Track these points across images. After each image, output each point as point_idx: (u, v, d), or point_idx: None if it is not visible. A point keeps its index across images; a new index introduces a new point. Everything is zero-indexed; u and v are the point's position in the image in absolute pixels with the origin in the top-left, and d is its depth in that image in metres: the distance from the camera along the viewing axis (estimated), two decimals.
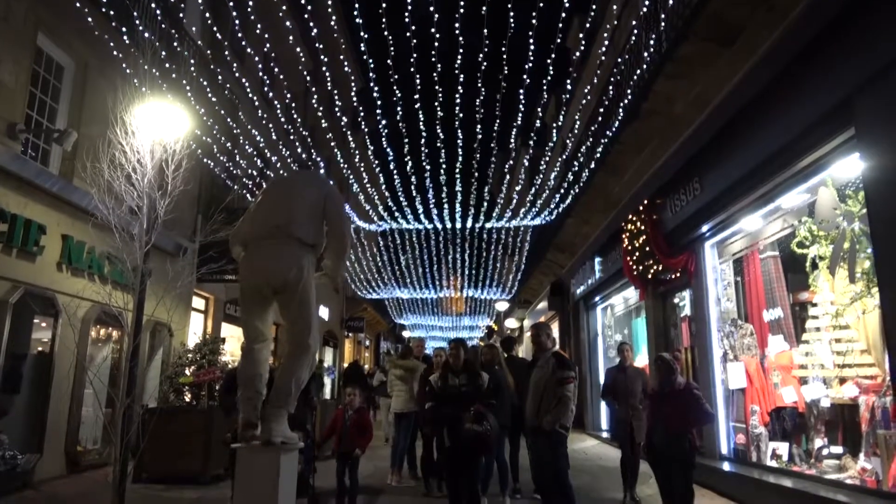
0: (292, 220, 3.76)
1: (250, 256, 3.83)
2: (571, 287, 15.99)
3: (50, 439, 8.11)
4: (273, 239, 3.74)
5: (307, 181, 4.15)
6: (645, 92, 8.06)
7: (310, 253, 3.78)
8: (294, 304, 3.68)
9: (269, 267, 3.69)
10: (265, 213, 3.91)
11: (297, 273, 3.65)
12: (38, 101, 8.36)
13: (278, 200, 3.95)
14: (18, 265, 7.54)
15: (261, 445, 3.37)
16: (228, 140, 10.75)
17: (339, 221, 3.91)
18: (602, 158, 10.22)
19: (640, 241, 9.90)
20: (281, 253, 3.70)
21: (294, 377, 3.63)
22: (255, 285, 3.74)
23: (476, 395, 5.59)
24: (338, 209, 3.94)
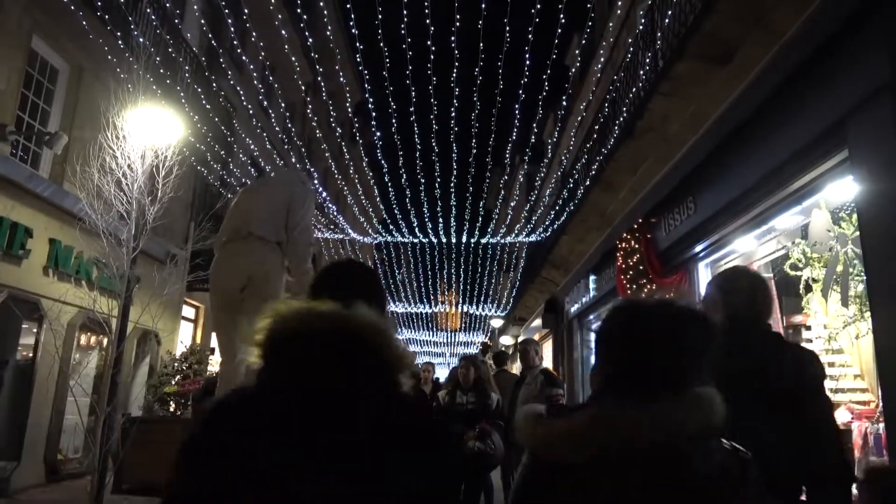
0: (253, 219, 3.69)
1: (216, 261, 3.80)
2: (566, 305, 15.90)
3: (29, 447, 7.97)
4: (236, 241, 3.69)
5: (276, 181, 4.14)
6: (640, 110, 8.02)
7: (275, 251, 3.68)
8: (256, 299, 3.56)
9: (232, 266, 3.63)
10: (229, 220, 3.88)
11: (259, 268, 3.57)
12: (31, 104, 8.31)
13: (243, 203, 3.90)
14: (2, 268, 7.44)
15: None
16: (223, 149, 10.71)
17: (295, 225, 3.73)
18: (597, 176, 10.17)
19: (634, 259, 9.83)
20: (243, 251, 3.63)
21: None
22: (221, 287, 3.68)
23: (483, 414, 5.48)
24: (297, 213, 3.76)
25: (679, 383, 1.23)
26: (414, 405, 1.35)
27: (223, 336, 3.70)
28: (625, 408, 1.19)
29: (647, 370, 1.26)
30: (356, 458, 1.11)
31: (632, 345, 1.31)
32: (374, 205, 15.25)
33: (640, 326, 1.33)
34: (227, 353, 3.69)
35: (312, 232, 3.98)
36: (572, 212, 12.08)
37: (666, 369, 1.25)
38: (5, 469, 7.53)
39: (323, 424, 1.14)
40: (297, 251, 3.69)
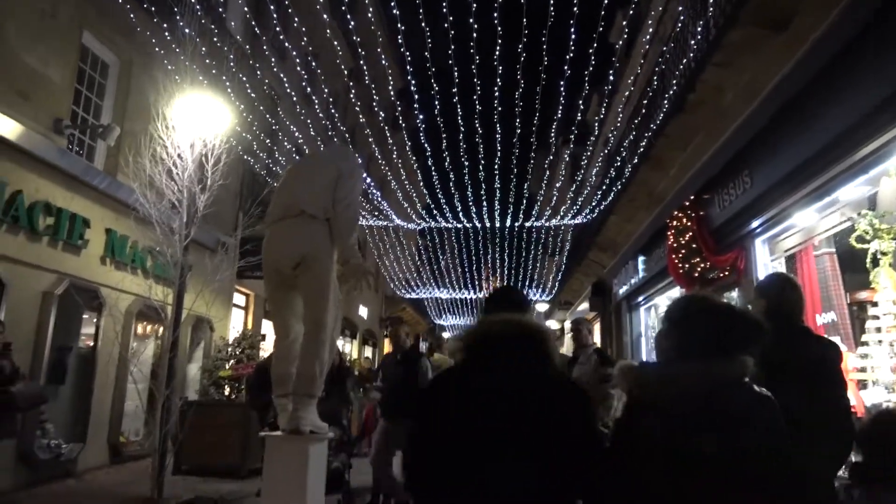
0: (302, 196, 3.67)
1: (268, 239, 3.79)
2: (613, 287, 15.62)
3: (93, 429, 8.26)
4: (286, 218, 3.68)
5: (324, 157, 4.09)
6: (692, 82, 7.74)
7: (326, 227, 3.65)
8: (311, 278, 3.57)
9: (285, 244, 3.62)
10: (280, 195, 3.87)
11: (312, 245, 3.55)
12: (84, 98, 8.54)
13: (292, 180, 3.89)
14: (64, 258, 7.70)
15: (288, 434, 3.28)
16: (268, 137, 10.82)
17: (340, 199, 3.67)
18: (646, 153, 9.90)
19: (686, 238, 9.54)
20: (294, 229, 3.62)
21: (316, 359, 3.51)
22: (273, 265, 3.67)
23: None
24: (344, 189, 3.71)
25: (721, 350, 1.81)
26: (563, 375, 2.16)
27: (277, 313, 3.72)
28: (689, 364, 1.81)
29: (700, 340, 1.85)
30: (541, 409, 1.81)
31: (691, 323, 1.91)
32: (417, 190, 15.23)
33: (695, 311, 1.94)
34: (282, 330, 3.71)
35: (358, 208, 3.92)
36: (620, 191, 11.82)
37: (710, 341, 1.83)
38: (72, 451, 7.83)
39: (519, 388, 1.84)
40: (340, 226, 3.64)
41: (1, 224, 6.68)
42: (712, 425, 1.68)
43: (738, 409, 1.73)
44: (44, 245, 7.35)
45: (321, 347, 3.51)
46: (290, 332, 3.69)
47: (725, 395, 1.74)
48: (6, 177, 6.71)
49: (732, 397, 1.75)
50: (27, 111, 7.03)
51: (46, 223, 7.33)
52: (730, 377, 1.79)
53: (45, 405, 7.24)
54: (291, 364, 3.62)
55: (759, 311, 2.88)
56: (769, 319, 2.62)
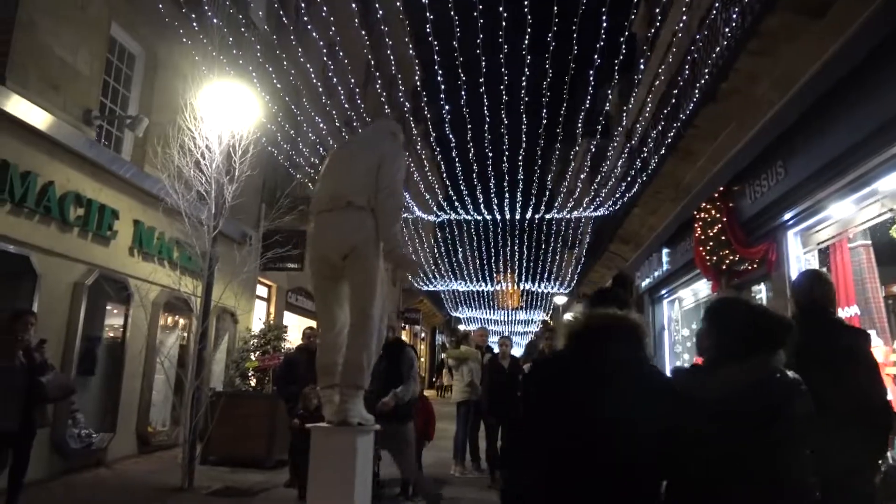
0: (347, 186, 3.61)
1: (314, 230, 3.74)
2: (636, 280, 15.48)
3: (122, 419, 8.33)
4: (333, 209, 3.62)
5: (366, 142, 3.95)
6: (724, 71, 7.60)
7: (372, 216, 3.58)
8: (359, 269, 3.52)
9: (334, 235, 3.56)
10: (324, 184, 3.81)
11: (360, 236, 3.49)
12: (112, 90, 8.56)
13: (335, 168, 3.81)
14: (93, 249, 7.74)
15: (336, 426, 3.25)
16: (292, 128, 10.80)
17: (382, 188, 3.59)
18: (673, 144, 9.75)
19: (714, 230, 9.41)
20: (342, 220, 3.56)
21: (364, 350, 3.47)
22: (322, 256, 3.61)
23: None
24: (385, 174, 3.63)
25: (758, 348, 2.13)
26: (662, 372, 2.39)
27: (324, 305, 3.67)
28: (733, 365, 2.11)
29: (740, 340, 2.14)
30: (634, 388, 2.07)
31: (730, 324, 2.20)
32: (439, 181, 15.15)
33: (734, 313, 2.24)
34: (328, 321, 3.67)
35: (402, 195, 3.85)
36: (645, 183, 11.68)
37: (749, 340, 2.13)
38: (103, 440, 7.90)
39: (620, 370, 2.11)
40: (383, 216, 3.57)
41: (33, 215, 6.71)
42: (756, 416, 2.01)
43: (778, 399, 2.04)
44: (74, 236, 7.39)
45: (369, 338, 3.47)
46: (337, 323, 3.65)
47: (766, 388, 2.06)
48: (38, 168, 6.73)
49: (773, 389, 2.06)
50: (58, 102, 7.05)
51: (77, 214, 7.37)
52: (769, 371, 2.10)
53: (76, 395, 7.31)
54: (337, 355, 3.58)
55: (792, 307, 3.19)
56: (802, 314, 3.29)
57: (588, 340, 2.20)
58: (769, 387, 2.06)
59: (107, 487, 7.02)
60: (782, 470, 1.97)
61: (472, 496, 7.01)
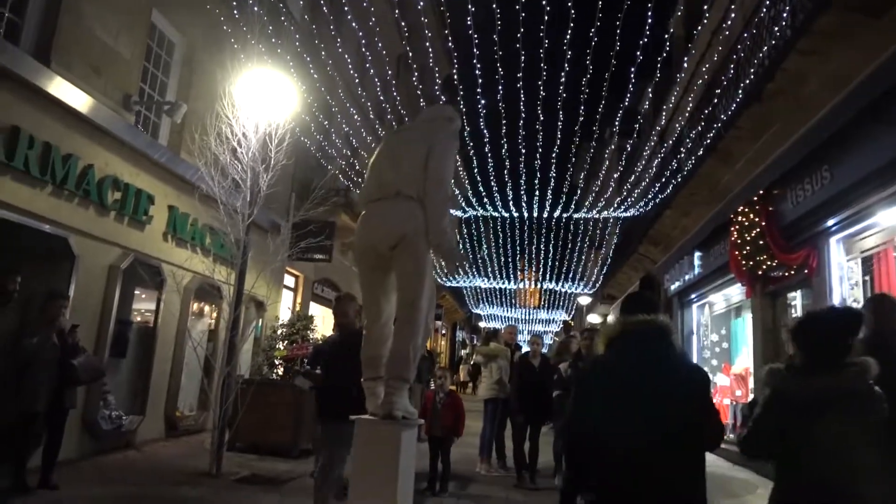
0: (397, 176, 3.51)
1: (363, 219, 3.65)
2: (665, 283, 15.27)
3: (152, 403, 8.40)
4: (382, 199, 3.54)
5: (418, 129, 3.81)
6: (771, 71, 7.40)
7: (422, 207, 3.47)
8: (407, 259, 3.43)
9: (383, 225, 3.47)
10: (374, 173, 3.70)
11: (410, 227, 3.39)
12: (150, 76, 8.61)
13: (386, 157, 3.69)
14: (129, 233, 7.79)
15: (380, 419, 3.19)
16: (326, 119, 10.78)
17: (429, 176, 3.45)
18: (712, 145, 9.55)
19: (752, 234, 9.22)
20: (392, 210, 3.48)
21: (411, 342, 3.39)
22: (370, 247, 3.53)
23: None
24: (436, 163, 3.49)
25: (840, 352, 2.62)
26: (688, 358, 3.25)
27: (370, 296, 3.60)
28: (824, 375, 2.56)
29: (829, 352, 2.62)
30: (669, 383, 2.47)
31: (822, 338, 2.67)
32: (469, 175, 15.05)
33: (825, 327, 2.71)
34: (374, 313, 3.60)
35: (450, 186, 3.73)
36: (679, 185, 11.47)
37: (838, 351, 2.62)
38: (132, 422, 7.97)
39: (659, 372, 2.49)
40: (430, 207, 3.45)
41: (73, 197, 6.77)
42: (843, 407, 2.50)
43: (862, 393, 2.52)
44: (111, 219, 7.44)
45: (416, 331, 3.39)
46: (382, 315, 3.59)
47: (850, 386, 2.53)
48: (79, 151, 6.78)
49: (856, 385, 2.53)
50: (99, 86, 7.10)
51: (114, 198, 7.42)
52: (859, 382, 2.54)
53: (107, 377, 7.39)
54: (382, 347, 3.52)
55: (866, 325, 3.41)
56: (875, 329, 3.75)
57: (625, 344, 2.59)
58: (857, 396, 2.52)
59: (137, 469, 7.08)
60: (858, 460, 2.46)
61: (499, 495, 6.94)
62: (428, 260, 3.48)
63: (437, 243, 3.42)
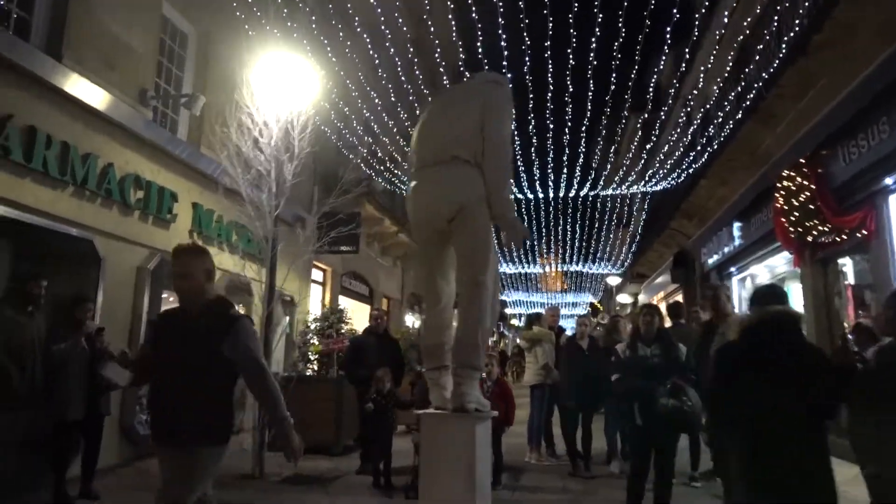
0: (451, 138, 3.16)
1: (416, 190, 3.29)
2: (701, 257, 14.78)
3: None
4: (437, 164, 3.18)
5: (469, 89, 3.45)
6: (819, 22, 6.92)
7: (481, 174, 3.12)
8: (467, 233, 3.08)
9: (438, 194, 3.13)
10: (423, 137, 3.34)
11: (469, 195, 3.05)
12: (165, 70, 8.35)
13: (436, 119, 3.34)
14: (154, 232, 7.57)
15: (451, 413, 2.87)
16: (346, 105, 10.46)
17: (489, 137, 3.11)
18: (752, 107, 9.06)
19: (800, 198, 8.74)
20: (448, 177, 3.12)
21: (479, 326, 3.04)
22: (425, 219, 3.19)
23: (671, 368, 4.88)
24: (495, 123, 3.15)
25: None
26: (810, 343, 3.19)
27: (428, 275, 3.25)
28: None
29: None
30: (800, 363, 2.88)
31: None
32: None
33: None
34: (433, 296, 3.25)
35: (510, 151, 3.37)
36: (714, 152, 10.98)
37: None
38: None
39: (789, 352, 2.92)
40: (492, 173, 3.10)
41: (95, 198, 6.54)
42: None
43: None
44: (135, 219, 7.22)
45: (483, 312, 3.04)
46: (442, 298, 3.24)
47: None
48: (98, 149, 6.54)
49: None
50: (114, 81, 6.84)
51: (137, 197, 7.19)
52: None
53: None
54: (443, 335, 3.18)
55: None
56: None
57: (763, 331, 2.97)
58: None
59: None
60: None
61: (555, 484, 6.62)
62: (491, 232, 3.14)
63: (500, 213, 3.06)
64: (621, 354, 5.26)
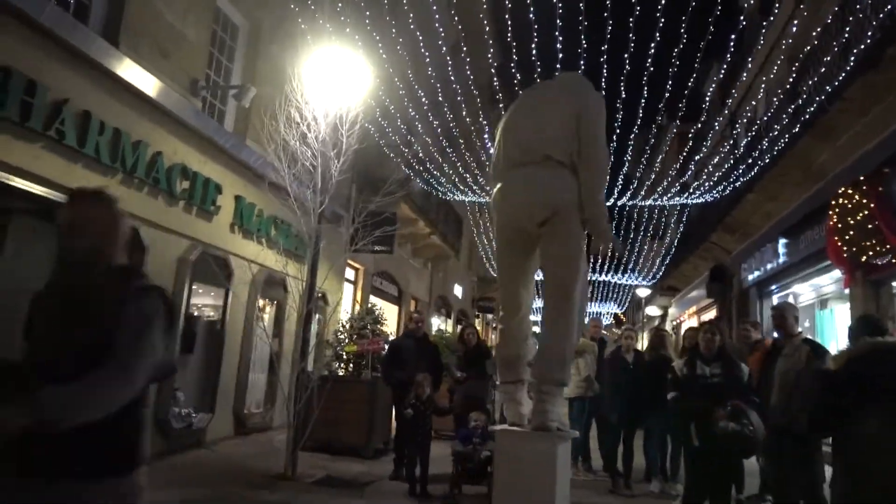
0: (544, 137, 3.00)
1: (504, 190, 3.10)
2: (742, 272, 14.40)
3: (221, 400, 8.12)
4: (528, 164, 3.01)
5: (560, 89, 3.27)
6: (892, 32, 6.63)
7: (575, 177, 2.97)
8: (559, 238, 2.92)
9: (530, 196, 2.95)
10: (511, 135, 3.16)
11: (564, 199, 2.89)
12: (215, 61, 8.30)
13: (526, 116, 3.17)
14: (197, 224, 7.51)
15: (531, 432, 2.69)
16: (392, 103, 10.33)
17: (591, 144, 2.98)
18: (811, 121, 8.75)
19: (857, 217, 8.39)
20: (542, 178, 2.95)
21: (566, 339, 2.86)
22: (515, 222, 3.01)
23: (732, 388, 4.64)
24: (591, 127, 3.03)
25: None
26: None
27: (509, 282, 3.08)
28: None
29: None
30: None
31: None
32: None
33: None
34: (513, 304, 3.07)
35: (608, 153, 3.20)
36: (766, 166, 10.65)
37: None
38: (202, 420, 7.71)
39: None
40: (589, 174, 2.95)
41: (143, 186, 6.49)
42: None
43: None
44: (180, 209, 7.16)
45: (571, 325, 2.86)
46: (522, 307, 3.07)
47: None
48: (148, 137, 6.49)
49: None
50: (167, 70, 6.80)
51: (182, 187, 7.14)
52: None
53: (177, 374, 7.10)
54: (522, 345, 3.00)
55: None
56: None
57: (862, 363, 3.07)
58: None
59: (211, 470, 6.79)
60: None
61: (595, 501, 6.40)
62: (583, 238, 2.95)
63: (593, 217, 2.89)
64: (678, 372, 5.03)
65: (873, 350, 3.08)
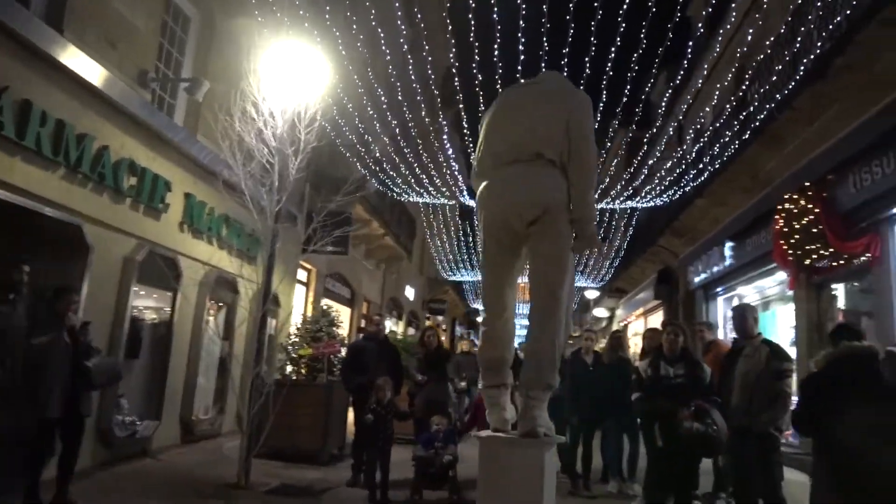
0: (534, 135, 2.94)
1: (492, 188, 3.01)
2: (688, 275, 14.79)
3: (168, 406, 7.77)
4: (518, 162, 2.93)
5: (547, 87, 3.21)
6: (842, 44, 6.88)
7: (564, 176, 2.92)
8: (549, 238, 2.86)
9: (520, 194, 2.87)
10: (499, 133, 3.08)
11: (554, 198, 2.83)
12: (165, 53, 7.95)
13: (514, 113, 3.09)
14: (144, 222, 7.15)
15: (518, 438, 2.61)
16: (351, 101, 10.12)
17: (581, 143, 2.95)
18: (759, 129, 9.03)
19: (802, 222, 8.72)
20: (532, 176, 2.88)
21: (555, 343, 2.79)
22: (504, 220, 2.92)
23: (695, 389, 4.69)
24: (582, 127, 2.99)
25: None
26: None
27: (495, 283, 2.98)
28: None
29: None
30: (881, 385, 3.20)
31: None
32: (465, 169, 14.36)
33: None
34: (498, 305, 2.98)
35: (597, 154, 3.16)
36: (714, 172, 10.94)
37: None
38: (147, 428, 7.35)
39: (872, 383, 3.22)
40: (579, 174, 2.91)
41: (87, 182, 6.12)
42: None
43: None
44: (126, 207, 6.80)
45: (559, 327, 2.79)
46: (507, 308, 2.98)
47: None
48: (94, 130, 6.14)
49: None
50: (114, 59, 6.45)
51: (130, 183, 6.78)
52: None
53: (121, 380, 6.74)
54: (507, 348, 2.92)
55: None
56: None
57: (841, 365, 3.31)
58: None
59: (158, 480, 6.47)
60: None
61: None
62: (570, 240, 2.89)
63: (583, 218, 2.84)
64: (642, 373, 5.06)
65: (851, 353, 3.32)
